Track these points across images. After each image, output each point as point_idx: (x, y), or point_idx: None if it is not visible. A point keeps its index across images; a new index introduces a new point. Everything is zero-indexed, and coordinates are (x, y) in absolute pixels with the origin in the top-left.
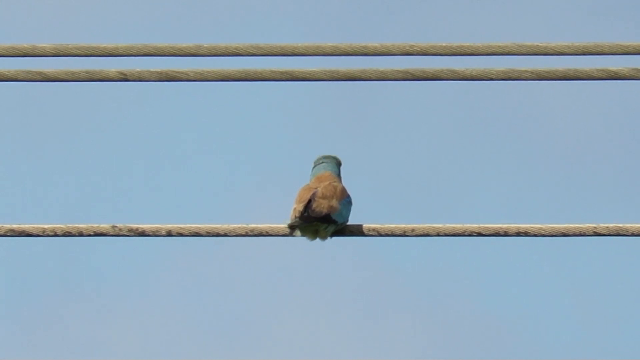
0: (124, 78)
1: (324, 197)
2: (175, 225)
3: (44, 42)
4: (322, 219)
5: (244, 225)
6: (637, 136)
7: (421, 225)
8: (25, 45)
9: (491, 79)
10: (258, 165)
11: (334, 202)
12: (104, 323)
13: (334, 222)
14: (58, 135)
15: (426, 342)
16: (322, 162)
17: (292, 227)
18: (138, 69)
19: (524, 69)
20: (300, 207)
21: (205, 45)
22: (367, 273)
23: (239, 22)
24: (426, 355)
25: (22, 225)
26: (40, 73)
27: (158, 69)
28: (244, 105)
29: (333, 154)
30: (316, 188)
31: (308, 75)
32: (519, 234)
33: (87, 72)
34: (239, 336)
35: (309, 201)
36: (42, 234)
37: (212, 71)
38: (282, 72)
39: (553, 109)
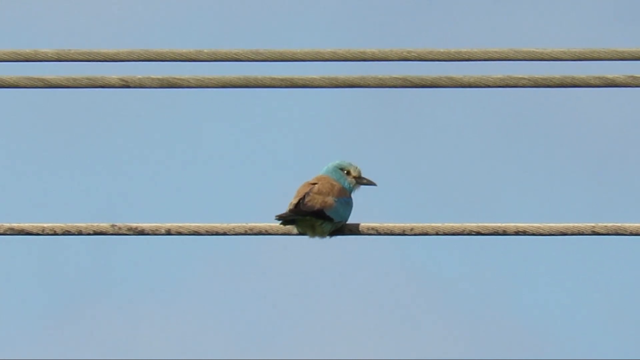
0: (125, 85)
1: (319, 192)
2: (175, 224)
3: (46, 48)
4: (314, 214)
5: (243, 224)
6: (635, 137)
7: (420, 225)
8: (27, 51)
9: (488, 86)
10: (257, 166)
11: (329, 199)
12: (111, 324)
13: (329, 219)
14: (58, 138)
15: (424, 342)
16: (328, 167)
17: (280, 219)
18: (139, 76)
19: (521, 76)
20: (295, 201)
21: (205, 51)
22: (366, 273)
23: (238, 28)
24: (427, 355)
25: (22, 224)
26: (41, 80)
27: (159, 76)
28: (244, 111)
29: (348, 161)
30: (314, 184)
31: (308, 82)
32: (517, 233)
33: (88, 78)
34: (245, 336)
35: (304, 195)
36: (42, 232)
37: (213, 78)
38: (281, 79)
39: (550, 114)
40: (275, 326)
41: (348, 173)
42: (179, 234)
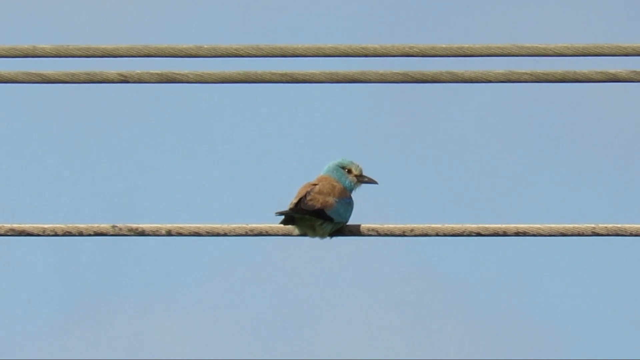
0: (124, 80)
1: (320, 192)
2: (175, 225)
3: (44, 43)
4: (314, 213)
5: (244, 225)
6: (636, 137)
7: (420, 225)
8: (26, 46)
9: (490, 81)
10: (258, 164)
11: (330, 199)
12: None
13: (329, 219)
14: (58, 136)
15: (425, 342)
16: (329, 166)
17: (281, 214)
18: (138, 71)
19: (523, 71)
20: (296, 201)
21: (205, 46)
22: (367, 273)
23: (239, 24)
24: (429, 355)
25: (23, 225)
26: (40, 75)
27: (158, 71)
28: (244, 106)
29: (349, 160)
30: (315, 185)
31: (308, 78)
32: (517, 234)
33: (87, 73)
34: (246, 336)
35: (305, 195)
36: (43, 233)
37: (212, 73)
38: (282, 74)
39: (552, 109)
40: (276, 326)
41: (349, 171)
42: (180, 234)
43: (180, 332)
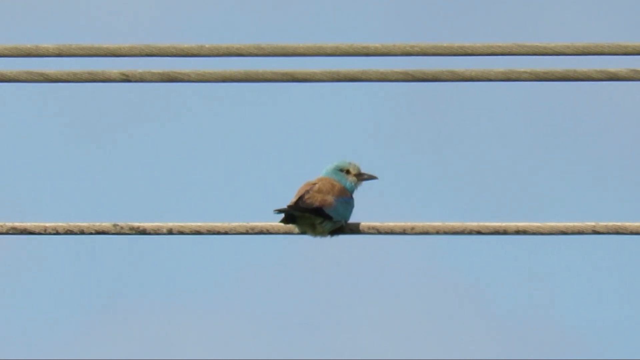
0: (126, 79)
1: (319, 191)
2: (176, 224)
3: (47, 43)
4: (313, 211)
5: (244, 224)
6: (636, 136)
7: (421, 224)
8: (28, 46)
9: (490, 80)
10: (259, 163)
11: (329, 197)
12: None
13: (328, 217)
14: (60, 135)
15: (422, 340)
16: (327, 169)
17: (279, 212)
18: (140, 70)
19: (523, 70)
20: (295, 199)
21: (207, 46)
22: (367, 272)
23: (240, 23)
24: (431, 355)
25: (24, 224)
26: (42, 74)
27: (160, 70)
28: (245, 105)
29: (346, 161)
30: (315, 184)
31: (309, 77)
32: (518, 232)
33: (89, 73)
34: (246, 335)
35: (304, 193)
36: (44, 232)
37: (214, 72)
38: (283, 74)
39: (552, 108)
40: (277, 325)
41: (348, 172)
42: (181, 233)
43: (179, 331)
